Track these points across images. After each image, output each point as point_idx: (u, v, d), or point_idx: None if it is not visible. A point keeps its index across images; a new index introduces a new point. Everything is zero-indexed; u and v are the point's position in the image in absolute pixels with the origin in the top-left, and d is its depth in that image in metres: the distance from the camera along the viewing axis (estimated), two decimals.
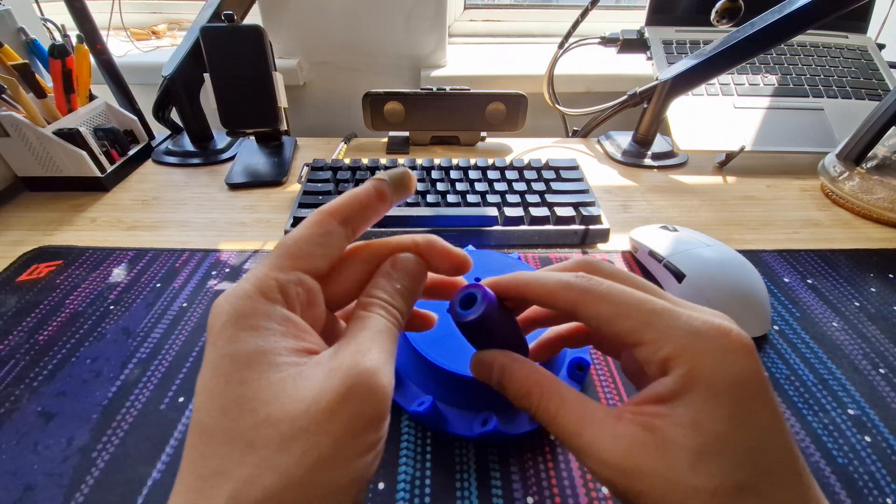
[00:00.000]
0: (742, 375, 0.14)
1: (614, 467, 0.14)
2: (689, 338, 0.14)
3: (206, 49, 0.47)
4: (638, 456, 0.14)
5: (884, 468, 0.25)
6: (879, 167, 0.45)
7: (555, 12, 0.82)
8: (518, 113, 0.57)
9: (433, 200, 0.43)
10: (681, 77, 0.51)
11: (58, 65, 0.45)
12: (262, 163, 0.53)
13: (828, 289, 0.37)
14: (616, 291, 0.16)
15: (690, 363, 0.14)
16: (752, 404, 0.14)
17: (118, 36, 0.76)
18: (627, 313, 0.15)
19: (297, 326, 0.15)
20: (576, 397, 0.16)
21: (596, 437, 0.15)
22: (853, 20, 0.63)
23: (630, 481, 0.14)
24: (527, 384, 0.17)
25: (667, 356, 0.14)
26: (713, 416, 0.13)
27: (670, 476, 0.13)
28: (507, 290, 0.18)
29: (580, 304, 0.16)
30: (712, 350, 0.14)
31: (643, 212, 0.47)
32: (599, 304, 0.15)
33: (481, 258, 0.33)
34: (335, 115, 0.76)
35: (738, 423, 0.13)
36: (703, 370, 0.14)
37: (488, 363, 0.18)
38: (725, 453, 0.13)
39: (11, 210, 0.46)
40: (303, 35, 0.68)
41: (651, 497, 0.14)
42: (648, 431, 0.14)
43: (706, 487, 0.13)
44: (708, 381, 0.14)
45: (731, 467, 0.13)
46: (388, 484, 0.24)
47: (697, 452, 0.13)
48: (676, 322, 0.15)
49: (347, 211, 0.17)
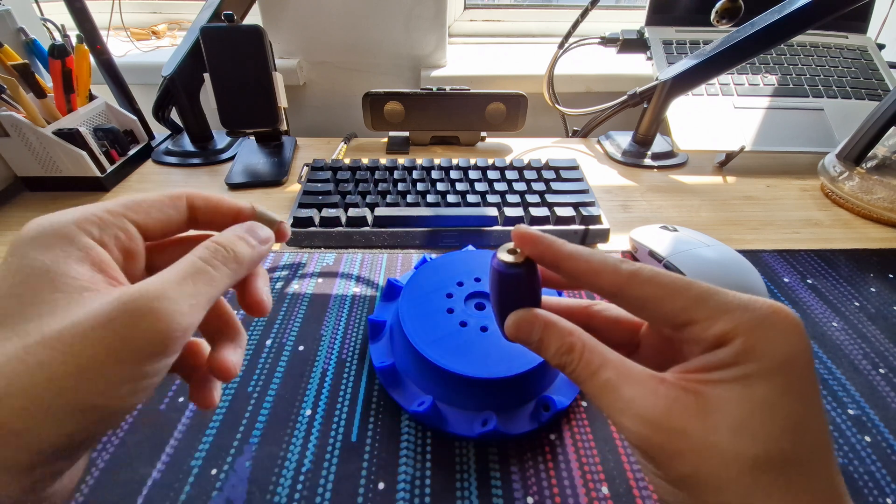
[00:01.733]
0: (795, 352, 0.14)
1: (653, 424, 0.14)
2: (745, 314, 0.14)
3: (206, 49, 0.47)
4: (679, 416, 0.14)
5: (884, 468, 0.25)
6: (879, 167, 0.45)
7: (555, 12, 0.82)
8: (518, 113, 0.57)
9: (433, 200, 0.43)
10: (681, 77, 0.51)
11: (58, 65, 0.45)
12: (262, 163, 0.53)
13: (828, 289, 0.37)
14: (662, 274, 0.16)
15: (747, 337, 0.14)
16: (802, 381, 0.14)
17: (118, 36, 0.76)
18: (678, 293, 0.15)
19: (100, 259, 0.15)
20: (617, 356, 0.16)
21: (637, 394, 0.15)
22: (853, 20, 0.63)
23: (668, 439, 0.14)
24: (570, 340, 0.17)
25: (722, 331, 0.14)
26: (766, 386, 0.14)
27: (712, 439, 0.13)
28: (543, 253, 0.17)
29: (626, 286, 0.16)
30: (769, 326, 0.14)
31: (643, 212, 0.47)
32: (647, 286, 0.15)
33: (481, 258, 0.33)
34: (335, 115, 0.76)
35: (789, 396, 0.14)
36: (759, 344, 0.14)
37: (530, 320, 0.18)
38: (773, 422, 0.13)
39: (11, 210, 0.46)
40: (303, 35, 0.68)
41: (687, 458, 0.14)
42: (692, 394, 0.14)
43: (748, 454, 0.13)
44: (764, 354, 0.14)
45: (778, 435, 0.13)
46: (388, 484, 0.24)
47: (743, 418, 0.13)
48: (728, 300, 0.15)
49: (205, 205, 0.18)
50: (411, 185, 0.46)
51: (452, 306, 0.29)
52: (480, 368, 0.25)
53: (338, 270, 0.38)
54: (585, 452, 0.25)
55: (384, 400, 0.28)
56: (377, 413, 0.27)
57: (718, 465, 0.13)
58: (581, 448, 0.25)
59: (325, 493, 0.23)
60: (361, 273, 0.37)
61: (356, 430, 0.26)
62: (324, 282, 0.36)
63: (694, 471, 0.14)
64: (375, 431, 0.26)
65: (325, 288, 0.36)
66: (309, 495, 0.23)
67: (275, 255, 0.39)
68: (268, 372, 0.29)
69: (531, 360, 0.25)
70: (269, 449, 0.25)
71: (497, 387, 0.25)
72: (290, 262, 0.38)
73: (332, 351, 0.31)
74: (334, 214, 0.41)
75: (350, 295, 0.35)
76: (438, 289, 0.30)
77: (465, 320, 0.28)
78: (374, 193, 0.45)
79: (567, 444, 0.26)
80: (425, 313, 0.28)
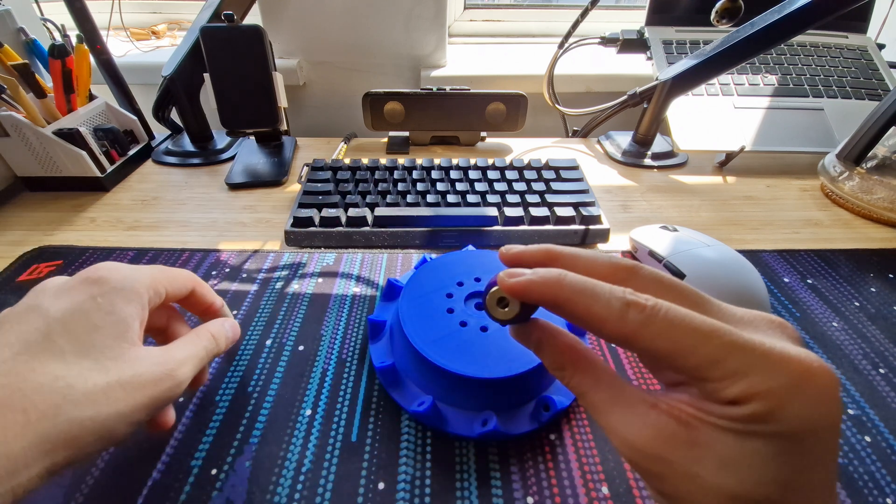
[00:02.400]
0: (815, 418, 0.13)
1: (638, 449, 0.14)
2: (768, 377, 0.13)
3: (206, 49, 0.47)
4: (664, 445, 0.14)
5: (884, 468, 0.25)
6: (879, 167, 0.45)
7: (555, 12, 0.82)
8: (518, 113, 0.57)
9: (433, 200, 0.43)
10: (681, 77, 0.51)
11: (58, 65, 0.45)
12: (262, 163, 0.53)
13: (828, 289, 0.37)
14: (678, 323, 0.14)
15: (766, 402, 0.13)
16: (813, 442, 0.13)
17: (118, 36, 0.76)
18: (692, 350, 0.13)
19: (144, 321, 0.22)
20: (609, 378, 0.16)
21: (624, 419, 0.15)
22: (853, 20, 0.63)
23: (652, 465, 0.14)
24: (561, 360, 0.17)
25: (739, 394, 0.13)
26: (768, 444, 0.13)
27: (695, 469, 0.13)
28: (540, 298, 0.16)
29: (634, 338, 0.14)
30: (794, 392, 0.13)
31: (643, 212, 0.47)
32: (658, 340, 0.14)
33: (481, 258, 0.33)
34: (335, 115, 0.76)
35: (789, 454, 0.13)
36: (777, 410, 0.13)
37: (526, 334, 0.18)
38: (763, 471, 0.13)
39: (11, 210, 0.46)
40: (303, 35, 0.68)
41: (670, 483, 0.14)
42: (682, 426, 0.14)
43: (728, 490, 0.13)
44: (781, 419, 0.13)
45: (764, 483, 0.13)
46: (387, 484, 0.24)
47: (731, 460, 0.13)
48: (751, 359, 0.13)
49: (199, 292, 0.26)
50: (411, 185, 0.46)
51: (452, 306, 0.29)
52: (480, 368, 0.25)
53: (338, 270, 0.38)
54: (585, 452, 0.25)
55: (384, 400, 0.28)
56: (377, 413, 0.27)
57: (699, 492, 0.13)
58: (581, 448, 0.25)
59: (325, 493, 0.23)
60: (361, 273, 0.37)
61: (356, 430, 0.26)
62: (324, 282, 0.36)
63: (675, 493, 0.14)
64: (375, 431, 0.26)
65: (325, 288, 0.36)
66: (309, 495, 0.23)
67: (275, 255, 0.39)
68: (268, 372, 0.29)
69: (531, 360, 0.25)
70: (269, 449, 0.25)
71: (497, 387, 0.25)
72: (290, 262, 0.38)
73: (332, 351, 0.31)
74: (334, 214, 0.41)
75: (350, 295, 0.35)
76: (438, 289, 0.30)
77: (465, 320, 0.28)
78: (374, 193, 0.45)
79: (567, 444, 0.26)
80: (425, 313, 0.28)
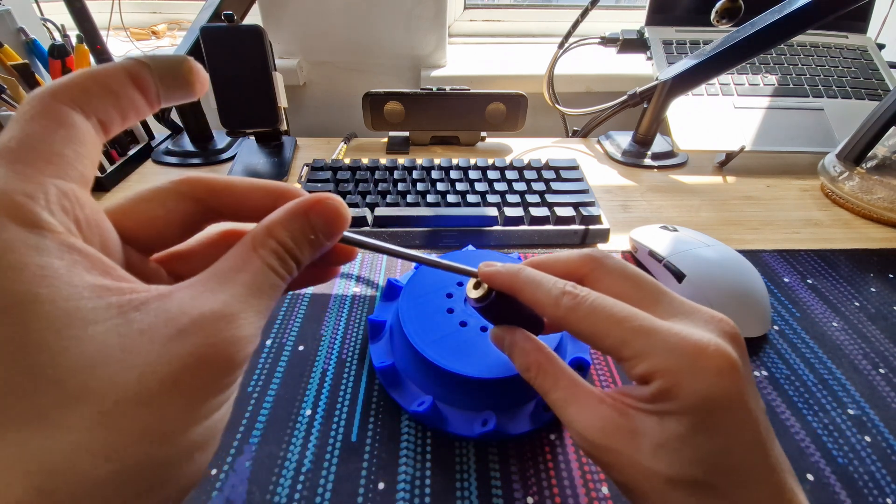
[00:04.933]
0: (711, 392, 0.15)
1: (589, 441, 0.16)
2: (664, 357, 0.15)
3: (206, 49, 0.47)
4: (610, 435, 0.16)
5: (884, 468, 0.25)
6: (879, 167, 0.45)
7: (555, 12, 0.82)
8: (518, 113, 0.57)
9: (433, 200, 0.43)
10: (681, 77, 0.51)
11: (58, 65, 0.45)
12: (261, 163, 0.53)
13: (828, 289, 0.37)
14: (598, 309, 0.16)
15: (664, 380, 0.15)
16: (719, 417, 0.15)
17: (118, 36, 0.76)
18: (607, 332, 0.16)
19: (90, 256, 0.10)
20: (567, 378, 0.18)
21: (578, 414, 0.17)
22: (853, 20, 0.63)
23: (601, 454, 0.16)
24: (527, 361, 0.19)
25: (643, 373, 0.16)
26: (679, 422, 0.15)
27: (635, 457, 0.15)
28: (502, 284, 0.19)
29: (565, 321, 0.17)
30: (686, 369, 0.15)
31: (643, 212, 0.47)
32: (582, 322, 0.17)
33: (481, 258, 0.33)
34: (335, 115, 0.76)
35: (701, 432, 0.15)
36: (675, 387, 0.15)
37: (500, 338, 0.21)
38: (683, 451, 0.15)
39: None
40: (303, 35, 0.68)
41: (619, 470, 0.16)
42: (624, 417, 0.16)
43: (663, 473, 0.15)
44: (679, 395, 0.15)
45: (688, 463, 0.15)
46: (387, 484, 0.24)
47: (659, 444, 0.15)
48: (653, 341, 0.15)
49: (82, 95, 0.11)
50: (411, 185, 0.46)
51: (452, 306, 0.29)
52: (480, 368, 0.25)
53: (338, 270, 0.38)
54: None
55: (384, 400, 0.28)
56: (377, 413, 0.27)
57: (642, 478, 0.15)
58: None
59: (325, 493, 0.23)
60: (361, 273, 0.37)
61: (356, 430, 0.26)
62: None
63: (625, 480, 0.16)
64: (375, 431, 0.26)
65: (324, 288, 0.36)
66: (309, 495, 0.23)
67: None
68: (268, 372, 0.29)
69: None
70: (269, 449, 0.25)
71: (497, 387, 0.25)
72: None
73: (332, 351, 0.31)
74: None
75: (350, 295, 0.35)
76: (438, 289, 0.30)
77: (465, 320, 0.28)
78: (374, 193, 0.45)
79: (567, 444, 0.26)
80: (425, 313, 0.28)
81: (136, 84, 0.12)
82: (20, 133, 0.10)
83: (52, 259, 0.09)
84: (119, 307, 0.10)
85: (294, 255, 0.13)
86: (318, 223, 0.13)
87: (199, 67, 0.13)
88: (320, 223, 0.13)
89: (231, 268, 0.12)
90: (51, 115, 0.10)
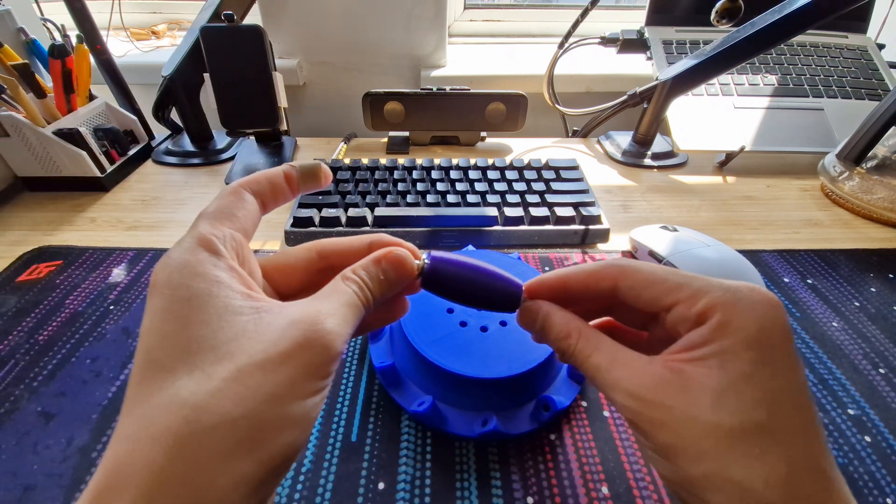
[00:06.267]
0: (769, 323, 0.15)
1: (640, 398, 0.16)
2: (723, 292, 0.16)
3: (206, 49, 0.47)
4: (663, 391, 0.15)
5: (884, 468, 0.25)
6: (879, 167, 0.45)
7: (555, 12, 0.82)
8: (518, 113, 0.57)
9: (433, 200, 0.43)
10: (681, 77, 0.51)
11: (58, 65, 0.45)
12: (262, 163, 0.53)
13: (828, 289, 0.37)
14: (649, 266, 0.18)
15: (724, 312, 0.15)
16: (777, 352, 0.15)
17: (118, 36, 0.76)
18: (664, 279, 0.17)
19: (243, 277, 0.16)
20: (609, 342, 0.18)
21: (626, 373, 0.16)
22: (853, 20, 0.63)
23: (653, 411, 0.15)
24: (567, 328, 0.19)
25: (703, 308, 0.16)
26: (740, 357, 0.15)
27: (691, 412, 0.15)
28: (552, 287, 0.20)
29: (621, 276, 0.18)
30: (745, 302, 0.15)
31: (643, 212, 0.47)
32: (638, 273, 0.18)
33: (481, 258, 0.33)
34: (335, 115, 0.76)
35: (762, 366, 0.15)
36: (735, 318, 0.15)
37: (535, 310, 0.20)
38: (747, 392, 0.14)
39: (11, 210, 0.46)
40: (303, 35, 0.68)
41: (670, 429, 0.15)
42: (676, 373, 0.15)
43: (724, 425, 0.14)
44: (738, 327, 0.15)
45: (751, 406, 0.14)
46: (387, 484, 0.24)
47: (720, 392, 0.14)
48: (708, 282, 0.16)
49: (257, 186, 0.18)
50: (411, 185, 0.46)
51: (452, 306, 0.29)
52: (480, 368, 0.25)
53: None
54: (585, 452, 0.25)
55: (384, 400, 0.28)
56: (377, 413, 0.27)
57: (698, 435, 0.14)
58: (581, 448, 0.25)
59: (325, 493, 0.23)
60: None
61: (356, 430, 0.26)
62: None
63: (676, 440, 0.15)
64: (375, 431, 0.26)
65: None
66: (309, 495, 0.23)
67: None
68: None
69: (531, 360, 0.25)
70: None
71: (497, 387, 0.25)
72: None
73: None
74: (334, 214, 0.41)
75: None
76: None
77: (465, 320, 0.28)
78: (374, 193, 0.45)
79: (567, 444, 0.26)
80: (425, 313, 0.28)
81: (287, 180, 0.19)
82: (217, 203, 0.17)
83: (222, 273, 0.15)
84: (256, 309, 0.15)
85: (370, 287, 0.18)
86: (387, 268, 0.18)
87: (327, 169, 0.20)
88: (389, 268, 0.18)
89: (327, 292, 0.17)
90: (236, 195, 0.18)
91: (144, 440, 0.12)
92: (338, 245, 0.20)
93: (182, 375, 0.13)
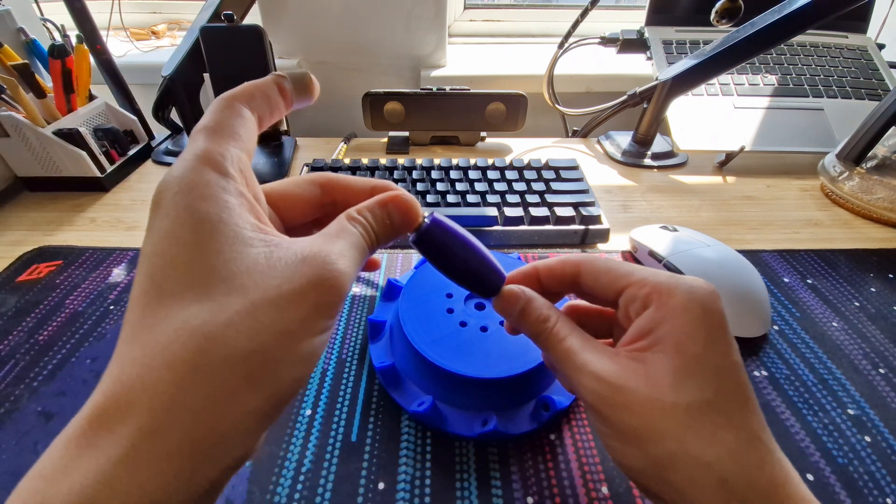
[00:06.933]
0: (709, 307, 0.17)
1: (606, 381, 0.17)
2: (666, 278, 0.18)
3: (206, 49, 0.47)
4: (628, 376, 0.17)
5: (884, 468, 0.25)
6: (879, 167, 0.45)
7: (555, 12, 0.82)
8: (518, 113, 0.57)
9: (433, 200, 0.43)
10: (681, 77, 0.51)
11: (58, 65, 0.45)
12: (261, 163, 0.53)
13: (828, 289, 0.37)
14: (608, 259, 0.20)
15: (668, 294, 0.17)
16: (718, 334, 0.17)
17: (118, 36, 0.76)
18: (618, 267, 0.19)
19: (252, 204, 0.15)
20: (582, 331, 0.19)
21: (594, 358, 0.18)
22: (853, 20, 0.63)
23: (618, 394, 0.16)
24: (546, 312, 0.20)
25: (649, 291, 0.18)
26: (691, 337, 0.16)
27: (653, 394, 0.16)
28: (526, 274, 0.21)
29: (583, 262, 0.20)
30: (685, 287, 0.17)
31: (643, 212, 0.47)
32: (597, 261, 0.20)
33: None
34: (335, 115, 0.76)
35: (710, 346, 0.16)
36: (678, 300, 0.17)
37: (517, 293, 0.20)
38: (699, 373, 0.16)
39: (11, 210, 0.46)
40: (303, 35, 0.68)
41: (634, 411, 0.16)
42: (638, 361, 0.17)
43: (682, 403, 0.15)
44: (683, 308, 0.17)
45: (703, 385, 0.16)
46: (387, 484, 0.24)
47: (677, 373, 0.16)
48: (655, 272, 0.18)
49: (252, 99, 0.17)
50: (411, 185, 0.46)
51: (452, 306, 0.29)
52: (480, 368, 0.25)
53: None
54: (585, 452, 0.25)
55: (384, 400, 0.28)
56: (377, 413, 0.27)
57: (660, 416, 0.16)
58: (581, 448, 0.25)
59: (325, 493, 0.23)
60: (361, 273, 0.37)
61: (356, 430, 0.26)
62: None
63: (640, 422, 0.16)
64: (375, 431, 0.26)
65: None
66: (309, 495, 0.23)
67: None
68: None
69: (531, 360, 0.25)
70: (269, 449, 0.25)
71: (497, 387, 0.25)
72: None
73: (332, 351, 0.31)
74: None
75: (350, 295, 0.35)
76: (438, 289, 0.30)
77: (465, 320, 0.28)
78: None
79: (567, 444, 0.26)
80: (425, 313, 0.28)
81: (280, 91, 0.18)
82: (214, 118, 0.15)
83: (232, 197, 0.14)
84: (265, 242, 0.14)
85: (375, 231, 0.17)
86: (394, 212, 0.18)
87: (314, 79, 0.19)
88: (395, 212, 0.18)
89: (334, 232, 0.16)
90: (232, 109, 0.16)
91: (159, 367, 0.12)
92: (342, 181, 0.20)
93: (192, 303, 0.12)
